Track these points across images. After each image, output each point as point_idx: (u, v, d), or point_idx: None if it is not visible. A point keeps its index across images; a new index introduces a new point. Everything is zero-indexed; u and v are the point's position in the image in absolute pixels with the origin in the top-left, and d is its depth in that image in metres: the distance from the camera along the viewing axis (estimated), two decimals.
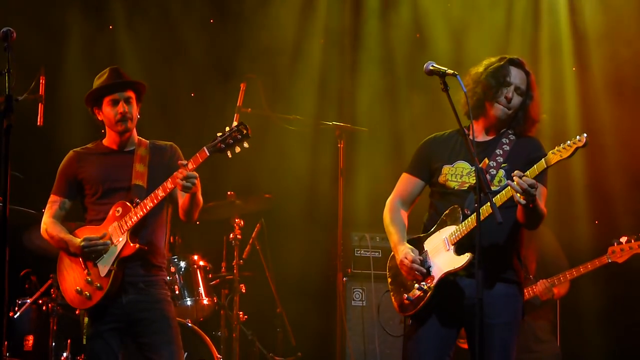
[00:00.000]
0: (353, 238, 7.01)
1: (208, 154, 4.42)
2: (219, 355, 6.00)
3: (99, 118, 4.77)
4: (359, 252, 7.02)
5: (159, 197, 4.51)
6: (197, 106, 7.81)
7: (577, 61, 7.63)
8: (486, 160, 4.27)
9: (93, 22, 7.62)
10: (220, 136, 4.42)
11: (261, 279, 6.95)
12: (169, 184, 4.49)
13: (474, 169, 4.19)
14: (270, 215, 7.07)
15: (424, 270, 4.23)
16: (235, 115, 6.46)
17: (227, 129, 4.42)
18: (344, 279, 6.69)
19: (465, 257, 4.11)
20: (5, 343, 5.70)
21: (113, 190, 4.68)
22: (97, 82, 4.76)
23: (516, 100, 4.26)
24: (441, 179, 4.34)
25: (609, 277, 6.82)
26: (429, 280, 4.22)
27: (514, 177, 3.89)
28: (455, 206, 4.22)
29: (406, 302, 4.29)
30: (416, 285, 4.25)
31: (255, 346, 6.83)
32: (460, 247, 4.17)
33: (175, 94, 7.79)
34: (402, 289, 4.35)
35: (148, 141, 4.84)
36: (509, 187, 3.94)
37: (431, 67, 4.04)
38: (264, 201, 6.87)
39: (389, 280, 4.46)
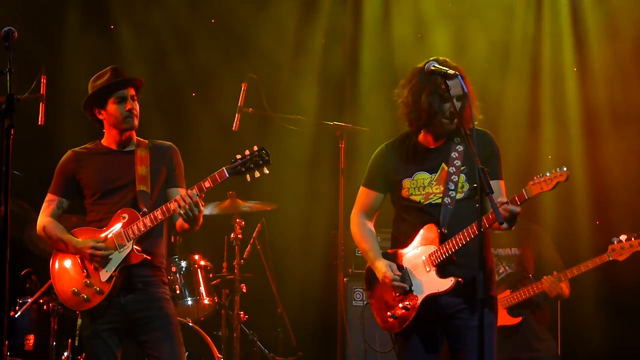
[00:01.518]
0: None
1: (227, 176, 4.42)
2: (219, 355, 6.00)
3: (100, 118, 4.74)
4: (359, 252, 7.02)
5: (171, 212, 4.50)
6: (198, 106, 7.80)
7: (578, 61, 7.63)
8: (445, 166, 4.29)
9: (94, 22, 7.62)
10: (241, 159, 4.43)
11: (262, 278, 6.95)
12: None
13: (433, 176, 4.26)
14: (271, 215, 7.06)
15: (407, 287, 4.26)
16: (237, 114, 6.46)
17: (247, 152, 4.43)
18: (345, 279, 6.68)
19: (449, 281, 4.16)
20: (6, 342, 5.71)
21: (112, 190, 4.67)
22: (98, 82, 4.73)
23: (457, 106, 4.20)
24: (404, 193, 4.35)
25: (610, 276, 6.81)
26: (412, 299, 4.25)
27: (500, 207, 3.90)
28: (432, 225, 4.24)
29: (390, 319, 4.32)
30: (399, 305, 4.27)
31: (256, 346, 6.83)
32: (442, 269, 4.20)
33: (176, 93, 7.78)
34: (384, 305, 4.37)
35: (147, 141, 4.84)
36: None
37: (432, 67, 4.05)
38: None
39: (368, 293, 4.49)
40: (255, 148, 4.44)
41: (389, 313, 4.32)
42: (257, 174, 4.43)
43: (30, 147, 6.67)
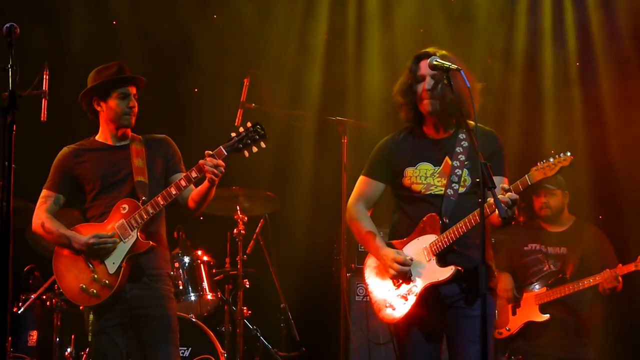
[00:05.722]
0: None
1: (226, 154, 4.41)
2: (222, 351, 6.01)
3: (97, 109, 4.74)
4: (362, 247, 7.03)
5: (172, 196, 4.51)
6: (200, 101, 7.80)
7: (581, 55, 7.64)
8: (448, 160, 4.27)
9: (97, 18, 7.61)
10: (237, 136, 4.42)
11: (265, 274, 6.95)
12: (183, 182, 4.49)
13: (437, 169, 4.24)
14: (274, 211, 7.06)
15: (409, 274, 4.24)
16: (239, 110, 6.45)
17: (242, 129, 4.42)
18: (348, 274, 6.69)
19: (449, 270, 4.15)
20: (10, 339, 5.72)
21: (111, 185, 4.68)
22: (104, 74, 4.73)
23: (438, 88, 4.18)
24: (405, 181, 4.33)
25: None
26: (413, 288, 4.24)
27: (503, 192, 3.88)
28: (434, 214, 4.23)
29: (392, 308, 4.32)
30: (398, 294, 4.27)
31: (259, 341, 6.84)
32: (442, 258, 4.20)
33: (179, 89, 7.78)
34: (385, 293, 4.37)
35: (141, 136, 4.84)
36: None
37: (435, 62, 4.05)
38: (268, 200, 6.87)
39: (367, 285, 4.47)
40: (249, 124, 4.44)
41: (388, 303, 4.32)
42: (254, 149, 4.42)
43: (33, 143, 6.67)
